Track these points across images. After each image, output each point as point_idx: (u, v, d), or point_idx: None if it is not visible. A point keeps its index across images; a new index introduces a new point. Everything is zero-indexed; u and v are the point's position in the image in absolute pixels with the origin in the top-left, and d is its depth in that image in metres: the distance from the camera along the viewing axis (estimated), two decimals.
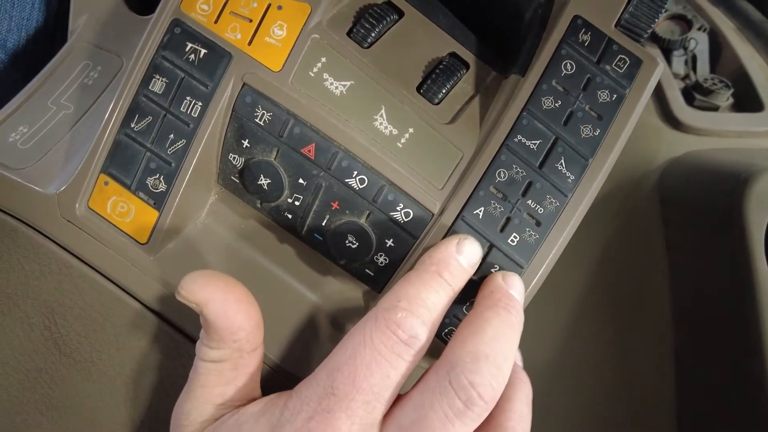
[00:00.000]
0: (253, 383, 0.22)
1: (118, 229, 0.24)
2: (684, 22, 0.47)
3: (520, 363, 0.24)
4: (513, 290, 0.21)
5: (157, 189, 0.24)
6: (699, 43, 0.46)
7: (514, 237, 0.22)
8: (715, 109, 0.42)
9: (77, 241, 0.24)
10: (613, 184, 0.40)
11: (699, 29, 0.46)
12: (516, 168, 0.22)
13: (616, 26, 0.23)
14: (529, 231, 0.22)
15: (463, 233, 0.22)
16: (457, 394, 0.18)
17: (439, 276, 0.21)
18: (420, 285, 0.20)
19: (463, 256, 0.21)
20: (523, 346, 0.36)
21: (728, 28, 0.46)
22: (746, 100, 0.43)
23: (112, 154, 0.24)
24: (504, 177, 0.22)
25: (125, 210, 0.24)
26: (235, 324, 0.20)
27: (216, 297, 0.20)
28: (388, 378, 0.19)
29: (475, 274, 0.22)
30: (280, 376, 0.24)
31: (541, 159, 0.22)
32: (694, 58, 0.45)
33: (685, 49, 0.45)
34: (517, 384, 0.21)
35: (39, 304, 0.25)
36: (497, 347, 0.19)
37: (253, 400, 0.21)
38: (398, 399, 0.20)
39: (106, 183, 0.24)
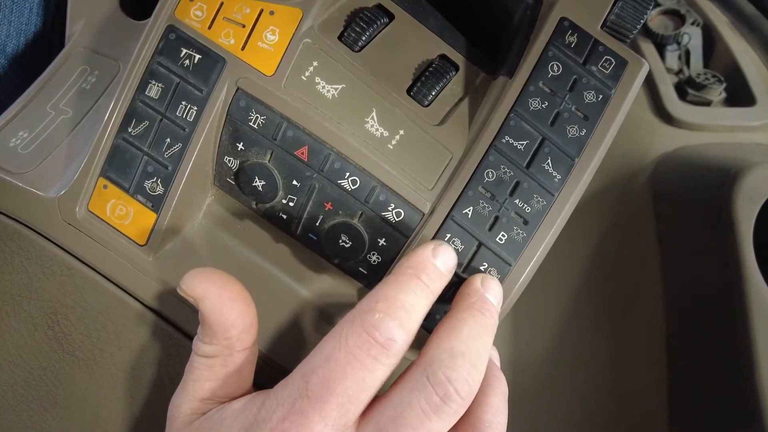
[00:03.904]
0: (243, 380, 0.22)
1: (118, 231, 0.25)
2: (677, 17, 0.47)
3: (497, 362, 0.24)
4: (489, 294, 0.22)
5: (154, 192, 0.24)
6: (692, 37, 0.46)
7: (502, 235, 0.23)
8: (708, 103, 0.43)
9: (78, 244, 0.25)
10: (606, 179, 0.40)
11: (692, 24, 0.46)
12: (504, 168, 0.23)
13: (602, 28, 0.23)
14: (516, 230, 0.23)
15: (439, 239, 0.22)
16: (435, 389, 0.19)
17: (417, 278, 0.21)
18: (397, 287, 0.20)
19: (439, 260, 0.21)
20: (517, 340, 0.37)
21: (721, 22, 0.47)
22: (739, 94, 0.43)
23: (111, 158, 0.24)
24: (492, 177, 0.23)
25: (124, 212, 0.24)
26: (228, 321, 0.21)
27: (212, 293, 0.21)
28: (363, 382, 0.19)
29: (463, 272, 0.23)
30: (277, 372, 0.25)
31: (528, 159, 0.23)
32: (687, 53, 0.46)
33: (679, 44, 0.46)
34: (492, 381, 0.22)
35: (42, 305, 0.26)
36: (473, 346, 0.20)
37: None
38: (377, 397, 0.20)
39: (105, 186, 0.24)
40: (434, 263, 0.21)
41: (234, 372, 0.22)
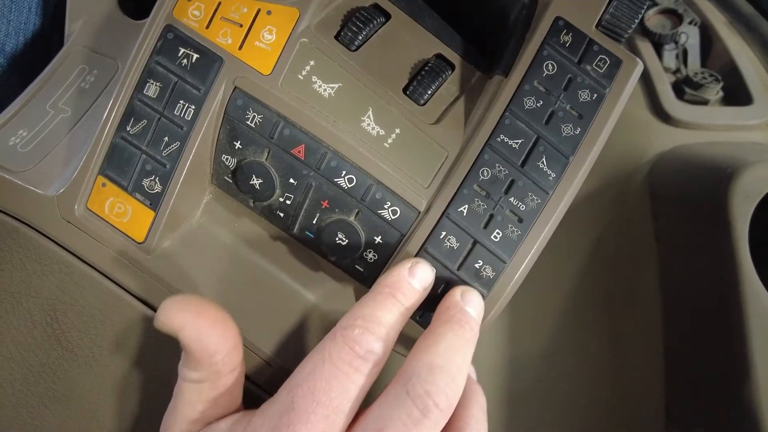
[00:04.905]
0: (232, 400, 0.22)
1: (116, 229, 0.25)
2: (675, 17, 0.47)
3: (473, 376, 0.25)
4: (469, 306, 0.22)
5: (152, 190, 0.24)
6: (690, 37, 0.46)
7: (497, 233, 0.23)
8: (705, 102, 0.43)
9: (77, 241, 0.25)
10: (604, 177, 0.40)
11: (690, 23, 0.46)
12: (499, 167, 0.23)
13: (596, 27, 0.23)
14: (511, 227, 0.23)
15: (417, 257, 0.23)
16: (415, 403, 0.19)
17: (393, 297, 0.21)
18: (375, 305, 0.21)
19: (415, 278, 0.22)
20: (514, 339, 0.37)
21: (719, 21, 0.47)
22: (736, 93, 0.43)
23: (109, 157, 0.24)
24: (487, 175, 0.23)
25: (122, 210, 0.25)
26: (210, 347, 0.21)
27: (190, 322, 0.21)
28: (347, 392, 0.20)
29: (459, 269, 0.23)
30: (273, 368, 0.25)
31: (523, 158, 0.23)
32: (685, 52, 0.46)
33: (676, 43, 0.46)
34: (471, 394, 0.22)
35: (41, 302, 0.26)
36: (450, 359, 0.20)
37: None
38: (359, 413, 0.20)
39: (103, 185, 0.25)
40: (410, 282, 0.22)
41: (223, 393, 0.22)
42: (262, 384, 0.26)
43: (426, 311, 0.24)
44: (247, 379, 0.25)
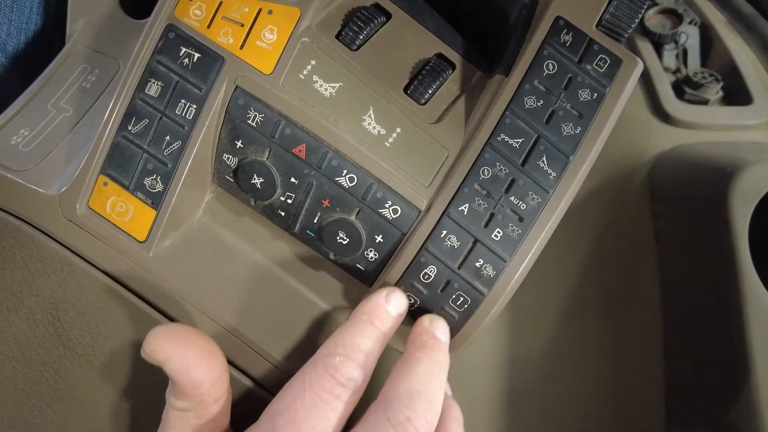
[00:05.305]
0: (218, 427, 0.23)
1: (118, 227, 0.25)
2: (675, 16, 0.47)
3: (449, 393, 0.26)
4: (438, 332, 0.23)
5: (154, 189, 0.24)
6: (690, 36, 0.46)
7: (498, 232, 0.23)
8: (705, 102, 0.43)
9: (78, 240, 0.25)
10: (604, 177, 0.40)
11: (690, 23, 0.46)
12: (499, 166, 0.23)
13: (597, 26, 0.24)
14: (512, 226, 0.23)
15: (393, 286, 0.24)
16: (396, 429, 0.20)
17: (371, 324, 0.22)
18: (354, 332, 0.22)
19: (391, 305, 0.23)
20: (514, 338, 0.37)
21: (719, 21, 0.47)
22: (736, 93, 0.43)
23: (111, 156, 0.24)
24: (488, 174, 0.23)
25: (124, 209, 0.25)
26: (196, 380, 0.21)
27: (175, 355, 0.21)
28: (327, 419, 0.20)
29: (460, 268, 0.23)
30: (270, 364, 0.25)
31: (523, 157, 0.23)
32: (685, 52, 0.46)
33: (676, 42, 0.46)
34: (448, 412, 0.23)
35: (43, 301, 0.26)
36: (428, 383, 0.21)
37: None
38: None
39: (105, 184, 0.25)
40: (387, 309, 0.23)
41: (208, 422, 0.22)
42: (260, 380, 0.26)
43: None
44: (247, 376, 0.26)
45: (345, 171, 0.23)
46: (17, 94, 0.28)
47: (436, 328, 0.23)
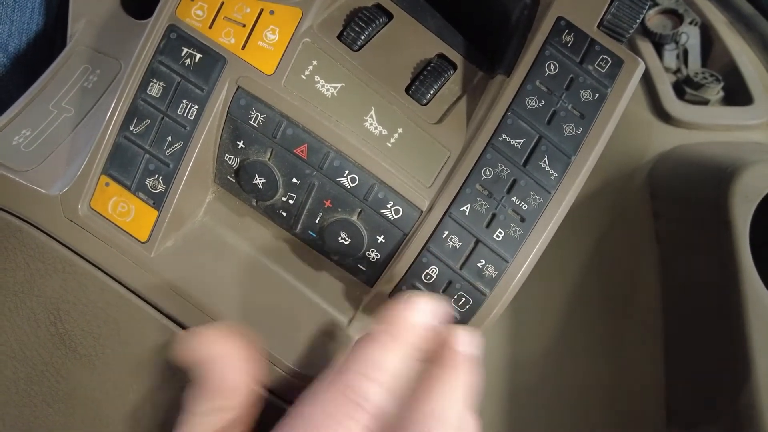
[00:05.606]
0: None
1: (119, 228, 0.25)
2: (675, 17, 0.47)
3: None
4: (461, 347, 0.21)
5: (156, 189, 0.24)
6: (690, 37, 0.46)
7: (500, 232, 0.23)
8: (706, 102, 0.43)
9: (80, 240, 0.25)
10: (605, 177, 0.41)
11: (690, 23, 0.46)
12: (501, 166, 0.23)
13: (598, 27, 0.24)
14: (513, 227, 0.23)
15: (416, 293, 0.22)
16: None
17: (390, 336, 0.20)
18: (372, 347, 0.20)
19: (412, 315, 0.21)
20: (515, 337, 0.37)
21: (719, 21, 0.47)
22: (736, 93, 0.43)
23: (113, 156, 0.24)
24: (490, 175, 0.23)
25: (126, 210, 0.25)
26: (232, 383, 0.20)
27: (218, 357, 0.20)
28: None
29: (461, 268, 0.23)
30: (271, 365, 0.25)
31: (525, 157, 0.23)
32: (685, 52, 0.46)
33: (677, 43, 0.46)
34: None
35: (44, 301, 0.26)
36: (454, 404, 0.19)
37: None
38: None
39: (107, 184, 0.25)
40: (407, 319, 0.21)
41: (229, 428, 0.21)
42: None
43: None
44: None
45: (347, 171, 0.23)
46: (19, 95, 0.28)
47: (460, 341, 0.21)
